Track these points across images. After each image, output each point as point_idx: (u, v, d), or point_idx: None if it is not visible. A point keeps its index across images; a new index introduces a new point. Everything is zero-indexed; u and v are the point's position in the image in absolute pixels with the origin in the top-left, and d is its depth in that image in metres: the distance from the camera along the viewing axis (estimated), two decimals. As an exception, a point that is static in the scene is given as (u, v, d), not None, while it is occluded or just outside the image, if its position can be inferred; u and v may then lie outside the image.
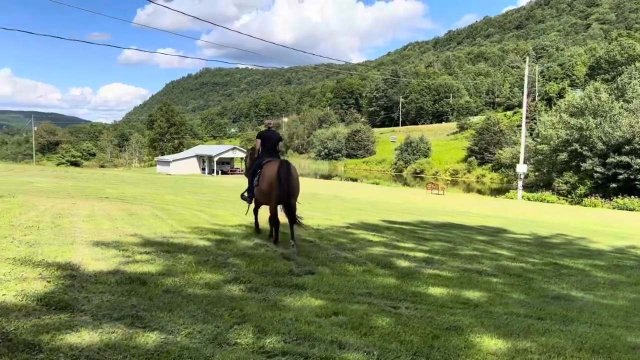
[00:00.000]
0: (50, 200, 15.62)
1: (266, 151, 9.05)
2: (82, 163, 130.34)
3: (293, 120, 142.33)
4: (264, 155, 8.96)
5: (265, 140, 9.14)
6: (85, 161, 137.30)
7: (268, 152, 9.04)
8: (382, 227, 12.71)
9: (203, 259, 7.04)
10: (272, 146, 9.12)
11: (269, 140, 9.15)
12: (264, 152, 9.06)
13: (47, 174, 41.32)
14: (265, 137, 9.17)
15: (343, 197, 27.69)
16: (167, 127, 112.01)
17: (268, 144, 9.13)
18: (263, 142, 9.15)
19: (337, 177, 72.65)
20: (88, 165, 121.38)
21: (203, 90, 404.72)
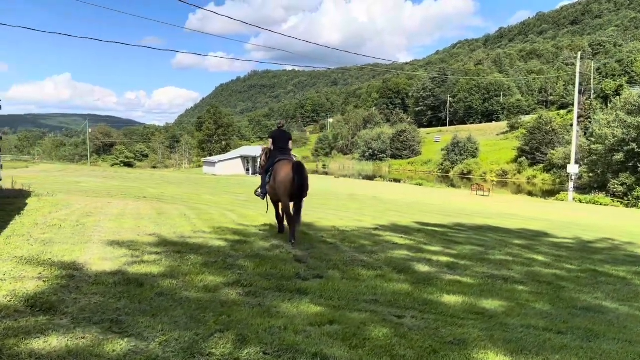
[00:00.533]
0: (87, 199, 15.97)
1: (278, 149, 9.46)
2: (135, 164, 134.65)
3: (337, 121, 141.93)
4: (276, 153, 9.39)
5: (276, 139, 9.57)
6: (138, 162, 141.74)
7: (279, 150, 9.44)
8: (412, 230, 12.21)
9: (211, 260, 6.84)
10: (283, 144, 9.53)
11: (280, 139, 9.57)
12: (275, 151, 9.49)
13: (96, 174, 42.82)
14: (277, 136, 9.62)
15: (381, 199, 27.15)
16: (215, 128, 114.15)
17: (280, 142, 9.54)
18: (275, 141, 9.57)
19: (380, 178, 71.70)
20: (141, 166, 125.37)
21: (251, 92, 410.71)
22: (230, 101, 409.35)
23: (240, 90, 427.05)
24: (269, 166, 9.32)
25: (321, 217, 14.23)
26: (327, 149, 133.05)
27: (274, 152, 9.44)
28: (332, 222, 12.90)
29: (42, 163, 62.85)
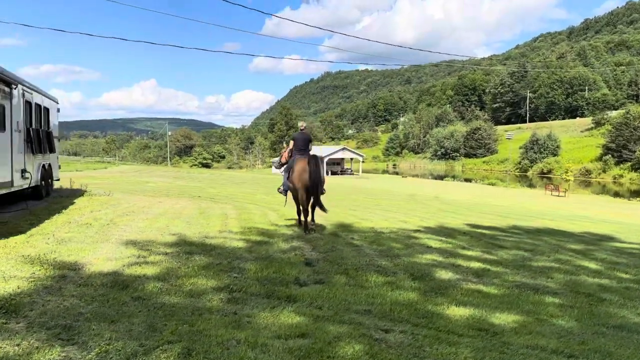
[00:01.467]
0: (140, 198, 16.43)
1: (297, 150, 10.25)
2: (212, 165, 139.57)
3: (409, 120, 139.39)
4: (295, 153, 10.26)
5: (297, 141, 10.36)
6: (215, 163, 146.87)
7: (299, 150, 10.21)
8: (458, 232, 11.40)
9: (216, 262, 6.59)
10: (303, 146, 10.27)
11: (300, 141, 10.32)
12: (295, 151, 10.31)
13: (169, 174, 44.47)
14: (298, 138, 10.40)
15: (442, 199, 26.03)
16: (286, 129, 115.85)
17: (300, 144, 10.29)
18: (296, 143, 10.38)
19: (452, 178, 69.35)
20: (217, 167, 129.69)
21: (324, 93, 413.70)
22: (303, 102, 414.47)
23: (313, 92, 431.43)
24: (290, 165, 10.16)
25: (365, 218, 13.73)
26: (398, 148, 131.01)
27: (294, 152, 10.34)
28: (374, 223, 12.36)
29: (122, 164, 66.48)
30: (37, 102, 12.61)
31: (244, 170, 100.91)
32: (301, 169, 9.46)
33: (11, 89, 10.20)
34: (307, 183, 9.31)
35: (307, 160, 9.45)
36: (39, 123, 12.92)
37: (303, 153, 10.03)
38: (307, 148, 10.27)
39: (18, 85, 10.59)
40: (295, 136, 10.42)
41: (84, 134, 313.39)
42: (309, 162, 9.38)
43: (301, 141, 10.27)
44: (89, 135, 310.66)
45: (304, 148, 10.20)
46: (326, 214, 10.48)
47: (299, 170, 9.50)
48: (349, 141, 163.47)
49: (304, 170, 9.37)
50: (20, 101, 11.02)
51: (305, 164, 9.42)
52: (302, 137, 10.34)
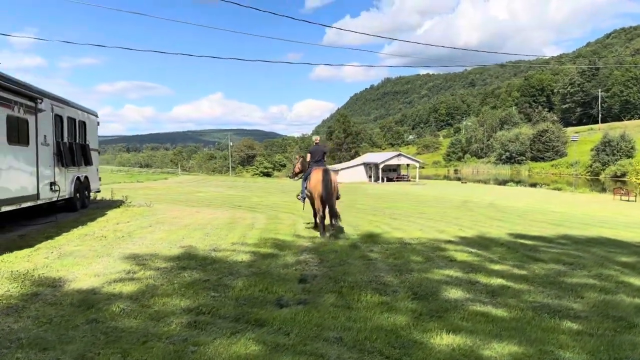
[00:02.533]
0: (179, 208, 16.52)
1: (314, 162, 11.30)
2: (273, 174, 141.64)
3: (472, 123, 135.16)
4: (312, 164, 11.29)
5: (313, 153, 11.41)
6: (277, 172, 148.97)
7: (315, 162, 11.27)
8: (495, 243, 10.49)
9: (204, 278, 6.22)
10: (319, 158, 11.33)
11: (316, 153, 11.36)
12: (312, 162, 11.36)
13: (224, 184, 45.24)
14: (314, 151, 11.46)
15: (497, 206, 24.58)
16: (344, 137, 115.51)
17: (316, 156, 11.35)
18: (312, 155, 11.42)
19: (515, 183, 66.17)
20: (278, 176, 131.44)
21: (384, 99, 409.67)
22: (363, 109, 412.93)
23: (373, 98, 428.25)
24: (307, 175, 11.21)
25: (399, 228, 13.04)
26: (460, 153, 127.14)
27: (311, 163, 11.34)
28: (405, 233, 11.68)
29: (184, 174, 68.42)
30: (70, 116, 12.90)
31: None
32: (316, 181, 10.52)
33: (36, 104, 10.41)
34: (322, 193, 10.32)
35: (321, 173, 10.48)
36: (73, 136, 13.21)
37: (319, 163, 11.17)
38: (323, 159, 11.44)
39: (44, 99, 10.80)
40: (312, 149, 11.52)
41: (156, 147, 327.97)
42: (323, 174, 10.41)
43: (317, 153, 11.35)
44: (161, 147, 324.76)
45: (320, 159, 11.33)
46: (339, 223, 11.18)
47: (314, 182, 10.58)
48: (409, 147, 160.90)
49: (318, 182, 10.43)
50: (48, 115, 11.26)
51: (320, 175, 10.45)
52: (318, 150, 11.45)
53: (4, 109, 8.95)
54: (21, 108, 9.66)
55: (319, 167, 10.83)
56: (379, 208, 21.09)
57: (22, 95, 9.71)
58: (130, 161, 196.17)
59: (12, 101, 9.23)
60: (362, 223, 14.08)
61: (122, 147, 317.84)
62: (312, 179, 10.62)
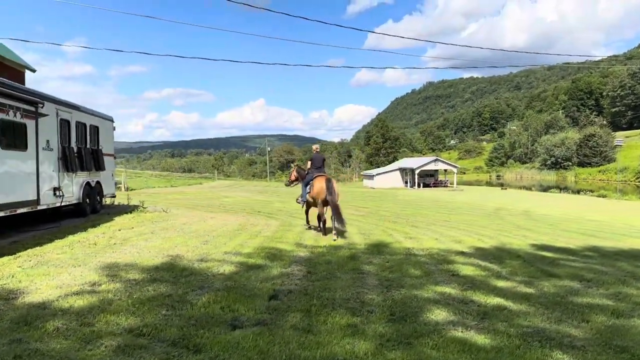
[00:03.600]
0: (195, 214, 16.32)
1: (315, 168, 12.10)
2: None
3: (515, 127, 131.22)
4: (313, 171, 12.03)
5: (314, 160, 12.20)
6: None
7: (316, 168, 12.07)
8: (513, 255, 9.69)
9: (168, 293, 5.80)
10: (319, 165, 12.16)
11: (317, 161, 12.18)
12: (313, 169, 12.12)
13: (256, 189, 45.33)
14: (314, 158, 12.27)
15: (531, 214, 23.32)
16: (382, 142, 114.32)
17: (316, 163, 12.15)
18: (313, 162, 12.21)
19: (557, 189, 63.40)
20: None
21: (426, 104, 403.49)
22: (404, 114, 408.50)
23: (415, 103, 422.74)
24: (308, 180, 11.92)
25: (413, 237, 12.36)
26: (503, 158, 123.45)
27: (312, 170, 12.11)
28: (417, 243, 11.02)
29: (220, 179, 69.18)
30: (79, 120, 12.85)
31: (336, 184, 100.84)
32: (319, 189, 11.38)
33: (36, 108, 10.33)
34: (325, 198, 11.29)
35: (324, 181, 11.41)
36: (83, 141, 13.15)
37: (320, 170, 12.05)
38: (323, 166, 12.30)
39: (46, 104, 10.72)
40: (313, 157, 12.30)
41: (200, 152, 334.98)
42: (326, 182, 11.37)
43: (317, 160, 12.18)
44: (204, 153, 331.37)
45: (320, 166, 12.17)
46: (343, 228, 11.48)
47: (318, 189, 11.41)
48: (450, 152, 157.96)
49: (322, 189, 11.31)
50: (52, 120, 11.19)
51: (323, 184, 11.35)
52: (319, 157, 12.29)
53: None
54: (18, 112, 9.57)
55: (320, 174, 11.76)
56: (403, 215, 20.33)
57: (19, 100, 9.61)
58: (174, 166, 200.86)
59: (7, 105, 9.13)
60: (375, 231, 13.45)
61: (168, 153, 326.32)
62: (316, 187, 11.44)
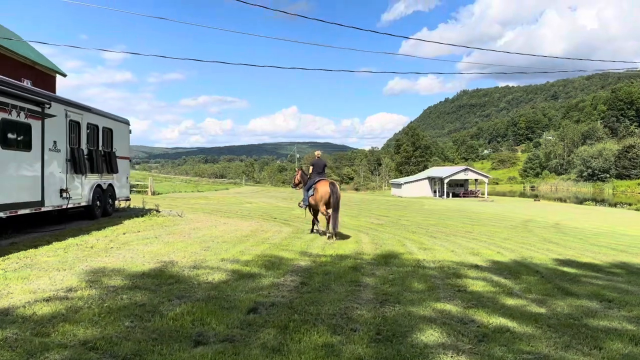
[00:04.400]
0: (209, 219, 16.08)
1: (316, 173, 12.78)
2: (340, 186, 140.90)
3: (551, 138, 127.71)
4: (314, 175, 12.70)
5: (315, 165, 12.87)
6: (344, 185, 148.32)
7: (318, 173, 12.75)
8: (530, 270, 9.02)
9: (142, 302, 5.45)
10: (320, 170, 12.86)
11: (318, 166, 12.86)
12: (314, 174, 12.81)
13: (280, 195, 45.06)
14: (315, 163, 12.91)
15: (561, 227, 22.25)
16: (412, 150, 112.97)
17: (317, 168, 12.83)
18: (314, 167, 12.86)
19: (593, 202, 61.07)
20: (344, 189, 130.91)
21: (460, 112, 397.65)
22: (437, 123, 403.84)
23: (448, 111, 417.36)
24: (311, 184, 12.51)
25: (428, 248, 11.78)
26: (537, 169, 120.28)
27: (314, 175, 12.77)
28: (431, 255, 10.47)
29: (248, 185, 69.33)
30: (90, 122, 12.77)
31: (365, 192, 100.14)
32: (324, 192, 12.01)
33: (43, 109, 10.23)
34: (328, 202, 11.98)
35: (329, 185, 12.03)
36: (94, 143, 13.07)
37: (321, 175, 12.73)
38: (324, 171, 13.01)
39: (53, 104, 10.63)
40: (314, 162, 12.96)
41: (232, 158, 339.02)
42: (331, 186, 12.00)
43: (319, 166, 12.86)
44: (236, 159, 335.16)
45: (321, 171, 12.86)
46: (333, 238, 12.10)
47: (323, 192, 12.04)
48: (483, 162, 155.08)
49: (327, 193, 11.95)
50: (60, 121, 11.10)
51: (328, 187, 11.99)
52: (320, 163, 12.96)
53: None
54: (22, 112, 9.47)
55: (323, 178, 12.43)
56: (424, 225, 19.65)
57: (24, 100, 9.52)
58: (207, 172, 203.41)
59: (9, 105, 9.03)
60: (390, 241, 12.90)
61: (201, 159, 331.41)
62: (321, 190, 12.04)
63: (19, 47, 25.25)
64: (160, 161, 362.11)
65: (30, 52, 26.71)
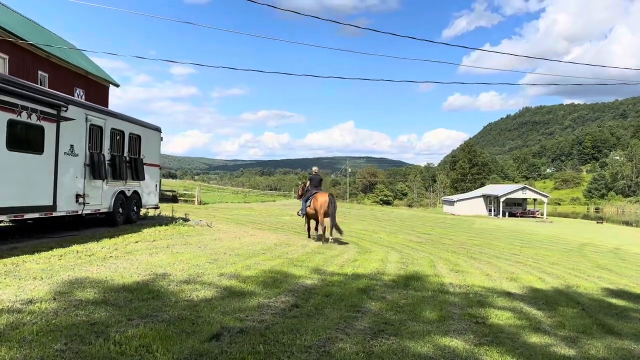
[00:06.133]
0: (235, 230, 15.59)
1: (313, 186, 14.37)
2: (393, 202, 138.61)
3: (618, 157, 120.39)
4: (311, 189, 14.30)
5: (312, 180, 14.52)
6: (397, 200, 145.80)
7: (314, 187, 14.34)
8: (567, 302, 7.84)
9: (100, 320, 4.84)
10: (317, 184, 14.44)
11: (315, 180, 14.49)
12: (311, 187, 14.36)
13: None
14: (313, 178, 14.59)
15: (621, 253, 20.19)
16: (469, 167, 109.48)
17: (314, 182, 14.45)
18: (312, 181, 14.50)
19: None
20: (397, 205, 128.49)
21: (522, 130, 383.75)
22: (497, 140, 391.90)
23: (509, 128, 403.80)
24: (309, 196, 14.08)
25: (461, 270, 10.73)
26: (603, 190, 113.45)
27: (311, 188, 14.37)
28: (461, 278, 9.49)
29: (293, 198, 69.04)
30: (115, 127, 12.58)
31: (418, 209, 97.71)
32: (323, 201, 13.43)
33: (59, 111, 10.04)
34: (327, 211, 13.39)
35: (328, 196, 13.47)
36: (119, 149, 12.87)
37: (317, 188, 14.36)
38: (320, 185, 14.59)
39: (71, 107, 10.42)
40: (312, 177, 14.68)
41: (287, 171, 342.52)
42: (330, 197, 13.47)
43: (315, 180, 14.55)
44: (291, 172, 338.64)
45: (317, 185, 14.48)
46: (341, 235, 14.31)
47: (322, 202, 13.45)
48: (545, 181, 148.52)
49: (325, 202, 13.38)
50: (79, 124, 10.90)
51: (327, 198, 13.44)
52: (316, 177, 14.67)
53: (5, 113, 8.55)
54: (34, 114, 9.27)
55: (320, 191, 14.07)
56: (467, 245, 18.34)
57: (36, 101, 9.32)
58: (262, 184, 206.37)
59: (18, 106, 8.83)
60: (420, 261, 11.87)
61: (258, 171, 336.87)
62: (319, 200, 13.44)
63: (73, 56, 26.06)
64: (219, 173, 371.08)
65: (84, 62, 27.54)
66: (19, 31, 20.02)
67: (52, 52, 22.08)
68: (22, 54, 20.40)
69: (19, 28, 20.95)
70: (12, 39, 18.76)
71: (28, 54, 20.90)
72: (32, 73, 21.44)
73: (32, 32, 23.03)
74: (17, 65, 20.12)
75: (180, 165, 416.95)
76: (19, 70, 19.91)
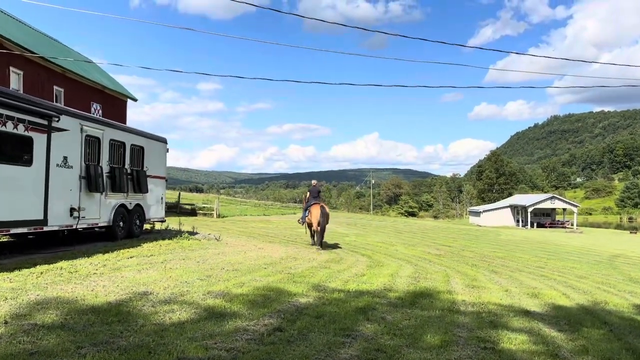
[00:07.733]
0: (243, 244, 15.03)
1: (312, 197, 15.82)
2: (418, 214, 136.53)
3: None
4: (310, 199, 15.75)
5: (311, 192, 15.99)
6: (423, 212, 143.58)
7: (314, 198, 15.76)
8: (594, 321, 6.97)
9: (46, 349, 4.27)
10: (315, 195, 15.91)
11: (313, 192, 15.96)
12: (311, 198, 15.80)
13: (347, 221, 43.48)
14: (312, 190, 16.07)
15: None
16: (496, 177, 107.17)
17: (313, 193, 15.94)
18: (311, 193, 16.00)
19: None
20: (423, 216, 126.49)
21: (550, 138, 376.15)
22: (525, 149, 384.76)
23: (537, 137, 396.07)
24: (307, 206, 15.74)
25: (478, 285, 9.92)
26: (636, 199, 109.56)
27: (310, 199, 15.80)
28: (476, 295, 8.68)
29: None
30: (115, 139, 12.18)
31: (443, 220, 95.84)
32: (316, 213, 14.98)
33: (50, 122, 9.66)
34: (319, 220, 14.88)
35: (319, 208, 15.01)
36: (119, 161, 12.47)
37: (316, 199, 15.65)
38: (319, 196, 16.03)
39: (63, 118, 10.03)
40: (311, 189, 16.14)
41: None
42: (321, 209, 14.99)
43: (314, 192, 15.95)
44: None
45: (316, 196, 15.88)
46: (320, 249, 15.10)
47: (315, 214, 15.03)
48: (575, 191, 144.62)
49: (318, 214, 14.88)
50: (73, 136, 10.51)
51: (319, 210, 14.96)
52: (315, 189, 16.08)
53: (-13, 123, 8.17)
54: (20, 124, 8.88)
55: (316, 202, 15.35)
56: (489, 258, 17.38)
57: (23, 111, 8.94)
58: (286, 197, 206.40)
59: (3, 115, 8.45)
60: (434, 276, 11.05)
61: (282, 184, 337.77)
62: (313, 212, 15.07)
63: (90, 71, 26.14)
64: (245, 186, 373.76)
65: (101, 76, 27.60)
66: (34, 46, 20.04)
67: (67, 67, 22.08)
68: (37, 69, 20.42)
69: (34, 43, 21.02)
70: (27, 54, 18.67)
71: (43, 69, 20.92)
72: (47, 88, 21.44)
73: (47, 46, 23.12)
74: (31, 80, 20.13)
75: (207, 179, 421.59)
76: (34, 86, 19.91)
